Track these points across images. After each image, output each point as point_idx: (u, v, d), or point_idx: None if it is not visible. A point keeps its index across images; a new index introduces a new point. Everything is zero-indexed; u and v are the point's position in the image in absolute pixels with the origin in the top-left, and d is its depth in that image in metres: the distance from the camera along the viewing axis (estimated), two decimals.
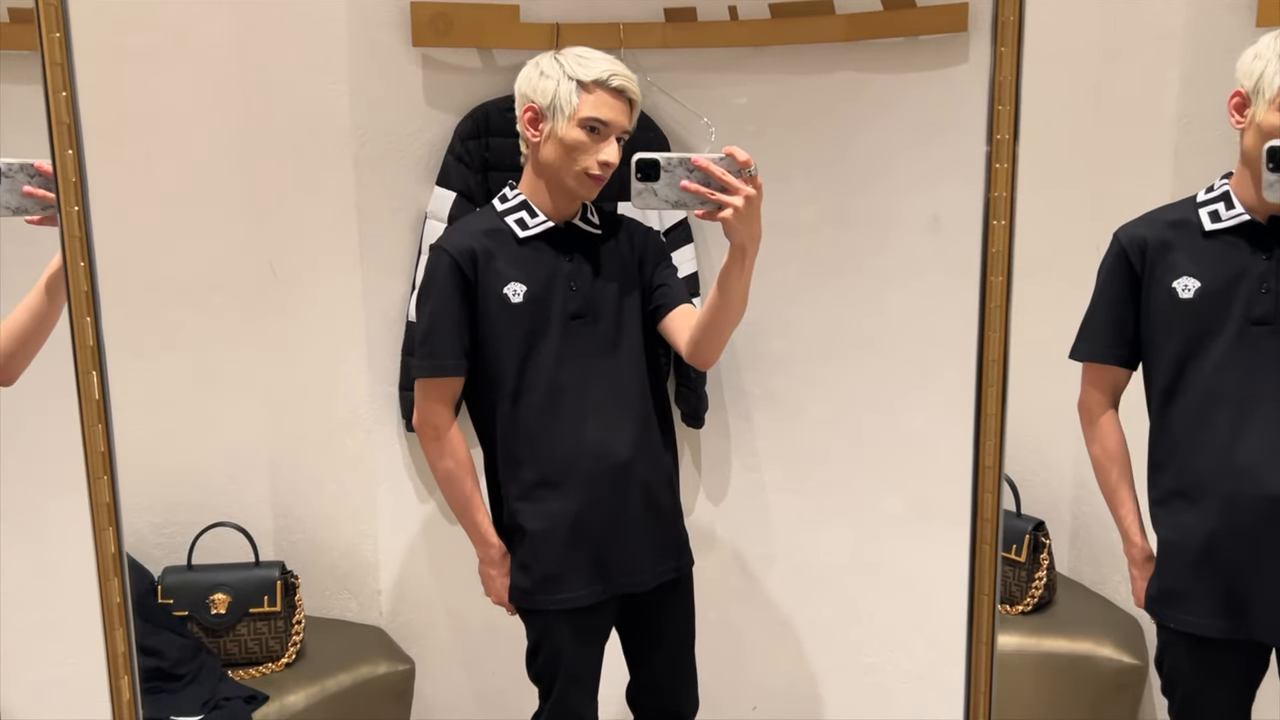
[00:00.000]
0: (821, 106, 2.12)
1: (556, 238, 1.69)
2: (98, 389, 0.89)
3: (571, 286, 1.68)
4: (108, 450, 0.91)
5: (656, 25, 2.04)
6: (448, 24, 2.02)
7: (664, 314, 1.71)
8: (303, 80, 2.06)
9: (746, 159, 1.42)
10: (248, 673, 2.06)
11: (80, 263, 0.88)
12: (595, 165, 1.62)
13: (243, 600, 2.05)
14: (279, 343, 2.17)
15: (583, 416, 1.67)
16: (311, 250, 2.13)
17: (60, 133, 0.88)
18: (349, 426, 2.19)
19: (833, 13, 2.03)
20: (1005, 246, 0.92)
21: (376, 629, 2.24)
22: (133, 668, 0.98)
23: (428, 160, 2.08)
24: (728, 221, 1.44)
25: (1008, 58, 0.88)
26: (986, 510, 0.96)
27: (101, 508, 0.89)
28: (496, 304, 1.65)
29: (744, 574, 2.33)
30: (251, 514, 2.18)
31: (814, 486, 2.27)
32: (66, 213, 0.88)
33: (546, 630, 1.72)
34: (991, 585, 0.98)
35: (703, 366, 1.70)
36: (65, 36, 0.87)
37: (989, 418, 0.95)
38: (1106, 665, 2.11)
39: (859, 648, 2.30)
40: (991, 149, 0.90)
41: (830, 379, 2.22)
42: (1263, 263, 1.53)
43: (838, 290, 2.18)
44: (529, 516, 1.69)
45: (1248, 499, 1.53)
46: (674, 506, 1.79)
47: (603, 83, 1.60)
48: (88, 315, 0.89)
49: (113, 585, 0.99)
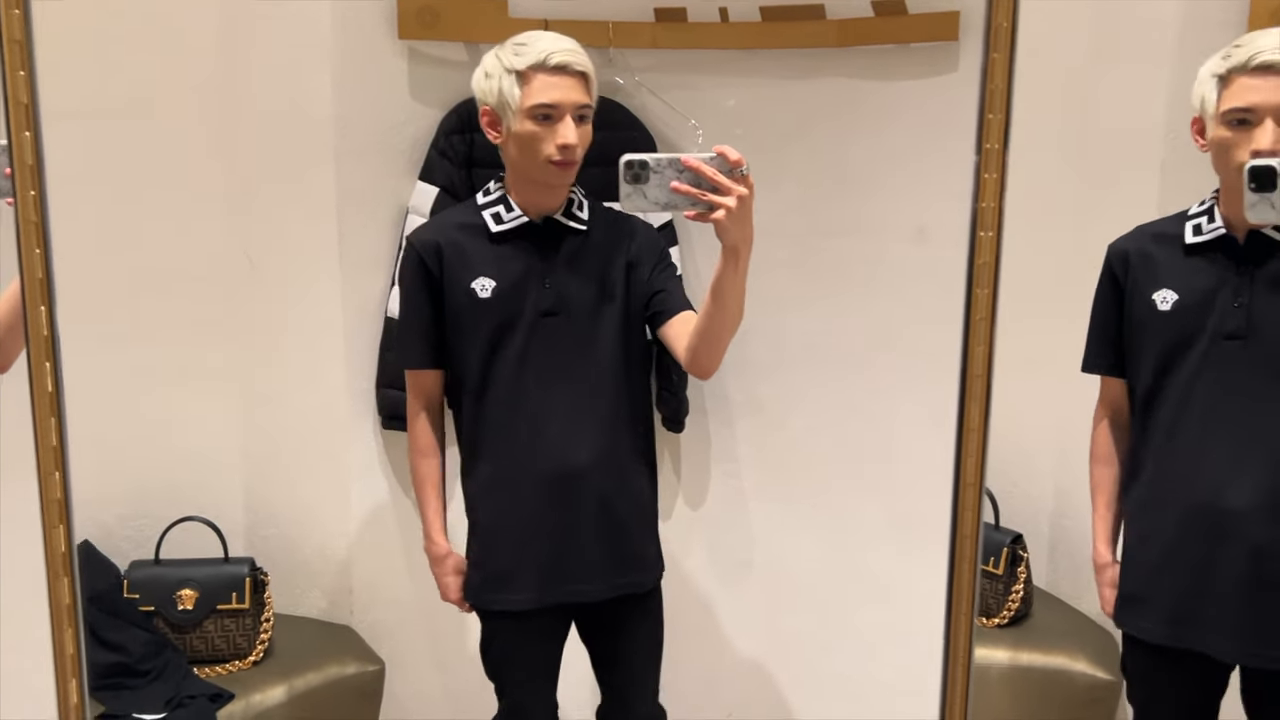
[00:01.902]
0: (811, 112, 2.10)
1: (533, 233, 1.65)
2: (51, 381, 0.85)
3: (545, 284, 1.64)
4: (60, 446, 0.88)
5: (646, 25, 2.03)
6: (435, 17, 2.00)
7: (662, 321, 1.65)
8: (285, 70, 2.04)
9: (738, 158, 1.38)
10: (214, 670, 2.03)
11: (36, 249, 0.85)
12: (555, 151, 1.56)
13: (210, 596, 2.02)
14: (255, 335, 2.14)
15: (544, 417, 1.63)
16: (290, 243, 2.11)
17: (18, 113, 0.85)
18: (325, 422, 2.16)
19: (824, 18, 2.01)
20: (992, 258, 0.91)
21: (347, 628, 2.21)
22: (81, 670, 0.95)
23: (411, 154, 2.06)
24: (719, 223, 1.40)
25: (1000, 64, 0.86)
26: (966, 527, 0.94)
27: (52, 504, 0.86)
28: (464, 298, 1.63)
29: (722, 580, 2.32)
30: (223, 509, 2.15)
31: (794, 494, 2.26)
32: (22, 197, 0.85)
33: (496, 630, 1.72)
34: (969, 603, 0.96)
35: (702, 376, 1.63)
36: (25, 13, 0.84)
37: (971, 432, 0.93)
38: (1080, 679, 2.11)
39: (836, 656, 2.29)
40: (980, 158, 0.88)
41: (814, 387, 2.21)
42: (1235, 278, 1.54)
43: (824, 298, 2.17)
44: (483, 512, 1.69)
45: (1205, 511, 1.55)
46: (639, 518, 1.72)
47: (540, 65, 1.54)
48: (42, 305, 0.85)
49: (62, 585, 0.96)
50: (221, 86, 2.05)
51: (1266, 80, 1.46)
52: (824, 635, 2.29)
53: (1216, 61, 1.52)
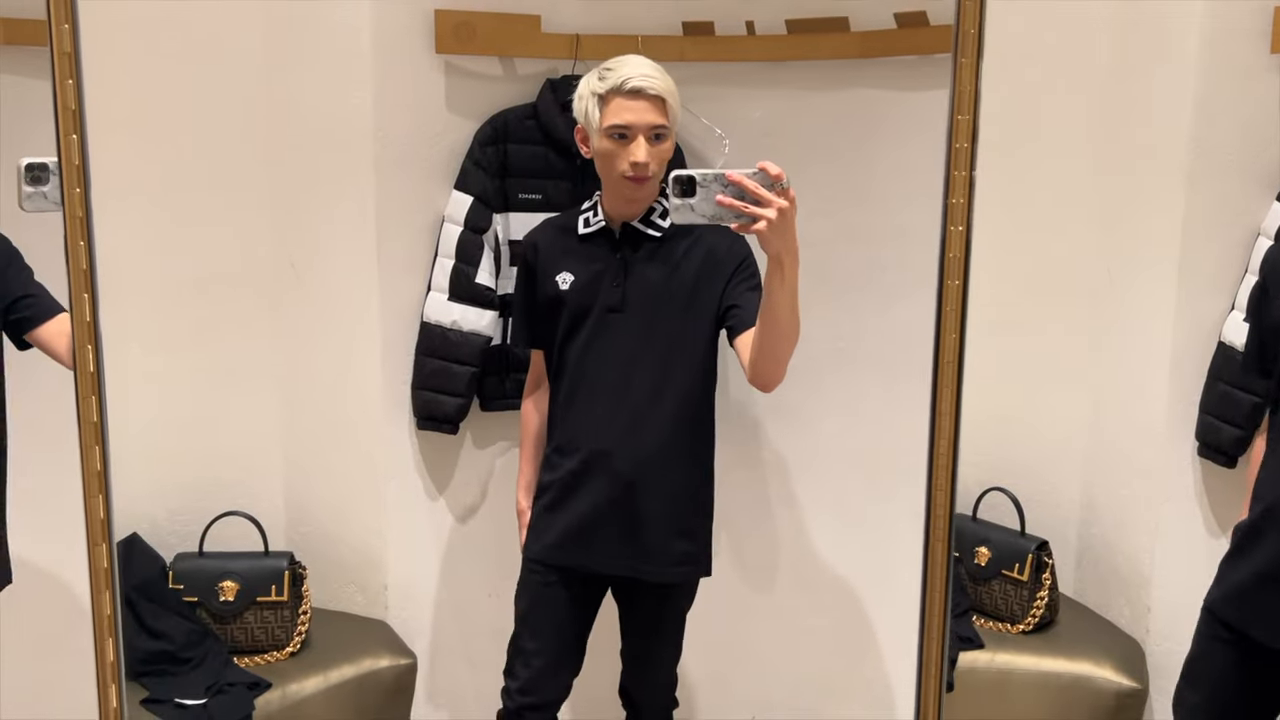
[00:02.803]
0: (835, 122, 2.14)
1: (611, 237, 1.81)
2: (92, 362, 0.93)
3: (614, 283, 1.78)
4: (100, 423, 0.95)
5: (675, 39, 2.08)
6: (471, 32, 2.07)
7: (736, 334, 1.75)
8: (327, 84, 2.11)
9: (779, 173, 1.47)
10: (253, 660, 2.09)
11: (80, 242, 0.93)
12: (628, 167, 1.72)
13: (251, 589, 2.09)
14: (297, 338, 2.21)
15: (596, 400, 1.80)
16: (331, 249, 2.18)
17: (65, 118, 0.93)
18: (362, 422, 2.23)
19: (848, 30, 2.06)
20: (962, 252, 0.95)
21: (381, 623, 2.27)
22: (120, 679, 1.02)
23: (447, 164, 2.13)
24: (762, 234, 1.48)
25: (967, 68, 0.91)
26: (939, 508, 0.99)
27: (92, 477, 0.93)
28: (551, 289, 1.83)
29: (749, 584, 2.35)
30: (264, 505, 2.22)
31: (820, 498, 2.29)
32: (69, 194, 0.93)
33: (524, 570, 1.90)
34: (943, 581, 1.00)
35: (764, 388, 1.71)
36: (74, 27, 0.92)
37: (943, 416, 0.98)
38: (1106, 687, 2.11)
39: (863, 658, 2.31)
40: (950, 156, 0.93)
41: (839, 391, 2.24)
42: None
43: (847, 303, 2.20)
44: (542, 474, 1.89)
45: None
46: (668, 514, 1.80)
47: (618, 89, 1.70)
48: (85, 293, 0.94)
49: (104, 597, 1.03)
50: (267, 99, 2.13)
51: None
52: (851, 637, 2.31)
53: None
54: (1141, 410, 2.21)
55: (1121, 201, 2.20)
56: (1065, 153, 2.24)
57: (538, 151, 2.09)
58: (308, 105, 2.13)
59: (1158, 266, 2.13)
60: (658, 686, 1.94)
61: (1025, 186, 2.21)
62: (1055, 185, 2.25)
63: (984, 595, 2.27)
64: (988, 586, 2.26)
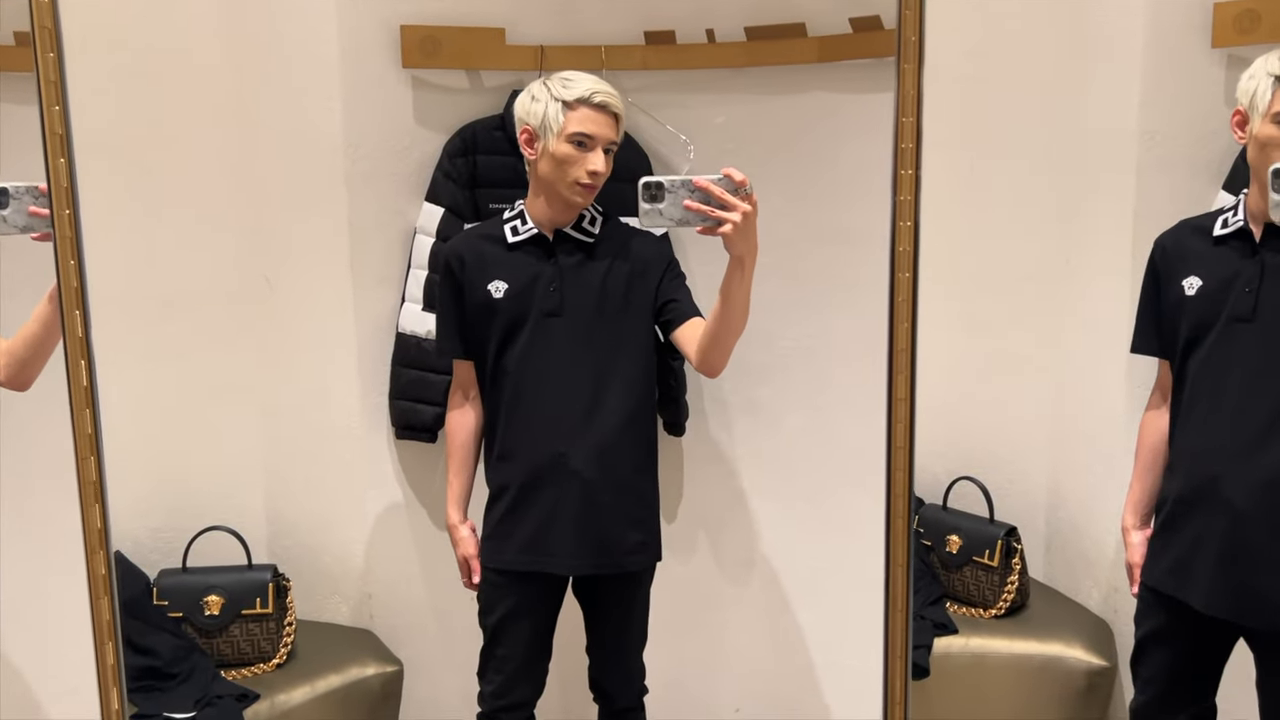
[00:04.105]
0: (796, 124, 2.19)
1: (545, 244, 1.85)
2: (85, 376, 0.96)
3: (550, 288, 1.82)
4: (95, 435, 0.98)
5: (637, 48, 2.13)
6: (436, 46, 2.10)
7: (674, 327, 1.84)
8: (297, 100, 2.14)
9: (742, 179, 1.56)
10: (240, 673, 2.11)
11: (70, 260, 0.96)
12: (584, 175, 1.77)
13: (235, 602, 2.11)
14: (273, 352, 2.24)
15: (541, 405, 1.83)
16: (305, 263, 2.20)
17: (53, 143, 0.96)
18: (340, 434, 2.25)
19: (805, 36, 2.11)
20: (910, 246, 1.01)
21: (366, 631, 2.29)
22: (121, 680, 1.05)
23: (417, 177, 2.16)
24: (727, 236, 1.58)
25: (910, 74, 0.97)
26: (898, 487, 1.04)
27: (88, 486, 0.96)
28: (482, 298, 1.84)
29: (726, 578, 2.39)
30: (245, 519, 2.24)
31: (793, 492, 2.33)
32: (58, 215, 0.96)
33: (485, 583, 1.93)
34: (905, 557, 1.05)
35: (711, 374, 1.81)
36: (59, 57, 0.95)
37: (900, 402, 1.03)
38: (1077, 666, 2.17)
39: (839, 650, 2.35)
40: (896, 156, 0.98)
41: (807, 387, 2.28)
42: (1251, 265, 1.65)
43: (814, 301, 2.25)
44: (490, 483, 1.91)
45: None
46: (622, 507, 1.86)
47: (585, 100, 1.76)
48: (77, 309, 0.97)
49: (103, 604, 1.06)
50: (237, 116, 2.15)
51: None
52: (827, 629, 2.36)
53: (1275, 61, 1.60)
54: (1102, 396, 2.27)
55: (1076, 194, 2.27)
56: (1019, 149, 2.30)
57: (507, 162, 2.13)
58: (277, 122, 2.15)
59: (1112, 255, 2.19)
60: (630, 672, 1.98)
61: (981, 183, 2.27)
62: (1011, 181, 2.31)
63: (956, 582, 2.32)
64: (960, 573, 2.32)
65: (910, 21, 0.94)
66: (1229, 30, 1.97)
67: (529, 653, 1.92)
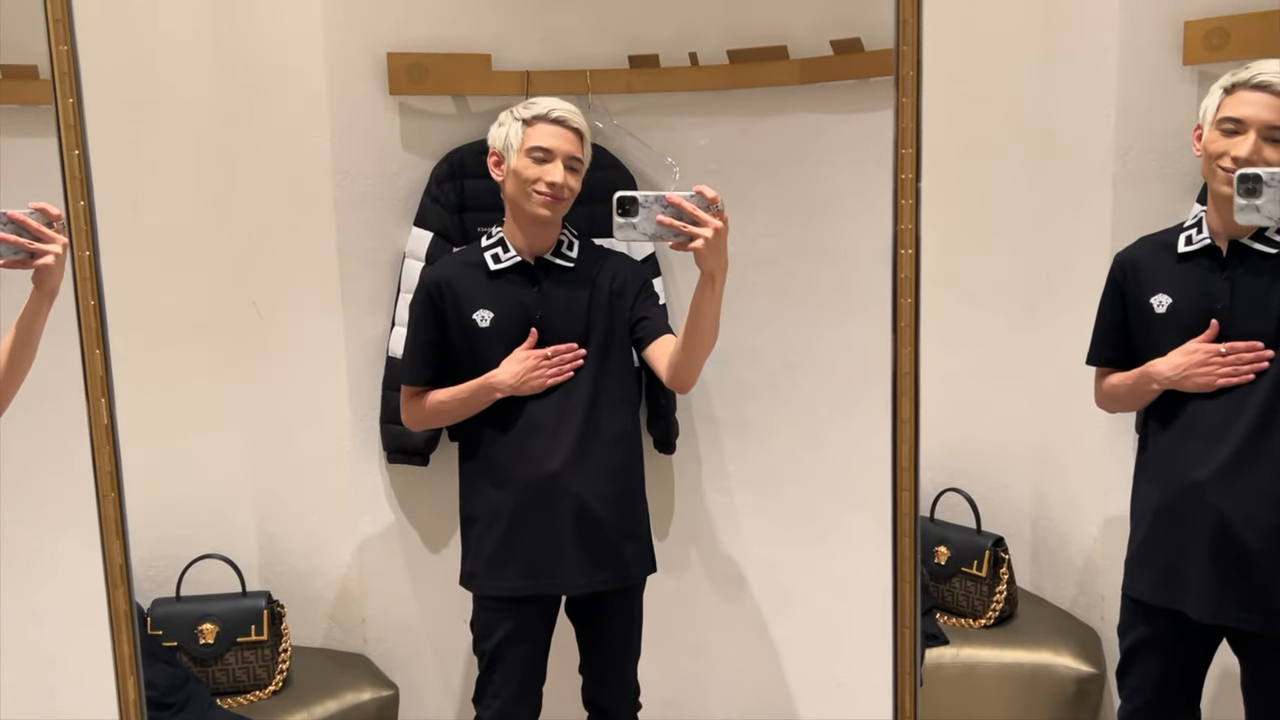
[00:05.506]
0: (779, 146, 2.22)
1: (527, 270, 1.86)
2: (106, 414, 0.97)
3: (536, 315, 1.84)
4: (115, 471, 0.99)
5: (622, 71, 2.15)
6: (423, 73, 2.12)
7: (646, 344, 1.87)
8: (285, 128, 2.15)
9: (714, 195, 1.59)
10: (236, 701, 2.11)
11: (91, 301, 0.97)
12: (544, 185, 1.80)
13: (230, 630, 2.11)
14: (264, 379, 2.24)
15: (530, 430, 1.84)
16: (294, 289, 2.21)
17: (74, 187, 0.98)
18: (332, 459, 2.25)
19: (787, 58, 2.14)
20: (912, 272, 1.04)
21: (361, 656, 2.29)
22: (138, 669, 1.06)
23: (406, 202, 2.18)
24: (698, 251, 1.61)
25: (909, 108, 0.99)
26: (904, 506, 1.06)
27: (109, 521, 0.96)
28: (467, 326, 1.85)
29: (718, 594, 2.41)
30: (238, 546, 2.24)
31: (783, 508, 2.35)
32: (79, 257, 0.97)
33: (481, 610, 1.92)
34: (913, 574, 1.07)
35: (682, 390, 1.85)
36: (78, 102, 0.97)
37: (904, 424, 1.06)
38: (1066, 674, 2.20)
39: (830, 664, 2.37)
40: (896, 187, 1.01)
41: (795, 404, 2.31)
42: (1220, 283, 1.68)
43: (800, 319, 2.27)
44: (478, 509, 1.90)
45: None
46: (615, 523, 1.87)
47: (542, 116, 1.82)
48: (98, 348, 0.98)
49: (123, 638, 1.07)
50: (226, 145, 2.16)
51: (1260, 96, 1.60)
52: (818, 643, 2.38)
53: (1228, 76, 1.66)
54: (1083, 406, 2.30)
55: (1055, 208, 2.31)
56: (998, 165, 2.35)
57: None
58: (266, 150, 2.16)
59: (1091, 267, 2.23)
60: (627, 687, 1.99)
61: (963, 198, 2.31)
62: (990, 195, 2.35)
63: (946, 593, 2.35)
64: (949, 584, 2.34)
65: (908, 58, 0.97)
66: (1199, 48, 2.03)
67: (527, 676, 1.92)
